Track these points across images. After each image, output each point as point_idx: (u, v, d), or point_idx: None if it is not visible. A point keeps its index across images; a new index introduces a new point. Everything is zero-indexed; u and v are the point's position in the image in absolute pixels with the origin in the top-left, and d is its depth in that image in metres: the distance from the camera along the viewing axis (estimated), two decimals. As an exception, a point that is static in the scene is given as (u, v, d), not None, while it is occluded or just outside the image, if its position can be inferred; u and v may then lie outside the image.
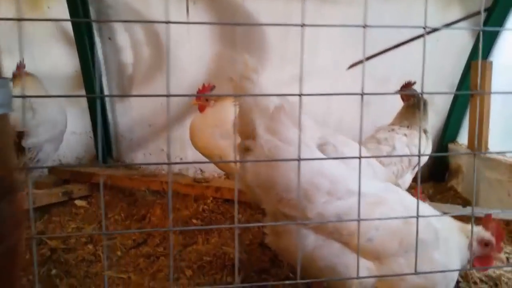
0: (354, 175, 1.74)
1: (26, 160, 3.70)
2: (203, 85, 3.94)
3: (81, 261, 3.10)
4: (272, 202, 1.78)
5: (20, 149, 3.60)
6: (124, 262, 3.09)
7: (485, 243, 1.96)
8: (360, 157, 1.40)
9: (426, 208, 1.93)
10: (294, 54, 4.54)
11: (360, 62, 4.43)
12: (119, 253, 3.26)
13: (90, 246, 3.33)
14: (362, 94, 1.40)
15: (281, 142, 1.80)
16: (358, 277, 1.53)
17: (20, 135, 3.56)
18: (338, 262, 1.65)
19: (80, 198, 4.15)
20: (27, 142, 3.63)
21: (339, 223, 1.60)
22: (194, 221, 3.57)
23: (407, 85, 3.96)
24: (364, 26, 1.32)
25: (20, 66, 3.70)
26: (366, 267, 1.59)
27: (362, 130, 3.91)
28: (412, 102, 3.89)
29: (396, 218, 1.64)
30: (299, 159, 1.36)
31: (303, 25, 1.27)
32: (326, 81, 4.52)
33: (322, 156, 1.97)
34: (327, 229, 1.65)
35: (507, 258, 2.96)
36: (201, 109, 3.77)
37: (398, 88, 4.00)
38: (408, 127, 3.86)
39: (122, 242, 3.40)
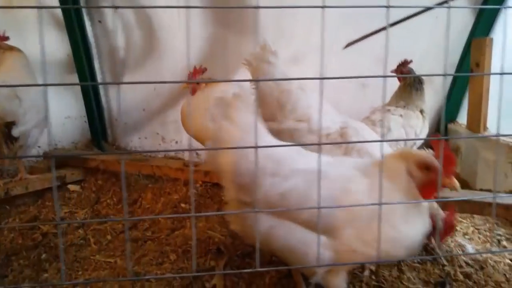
0: (302, 155, 1.71)
1: (17, 148, 3.71)
2: (195, 68, 3.89)
3: (70, 245, 3.11)
4: (229, 188, 1.77)
5: (11, 139, 3.61)
6: (113, 246, 3.10)
7: (425, 167, 1.71)
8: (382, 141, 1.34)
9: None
10: (289, 35, 4.44)
11: (356, 41, 4.30)
12: (109, 237, 3.27)
13: (81, 231, 3.34)
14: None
15: (232, 126, 1.75)
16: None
17: (9, 124, 3.55)
18: (293, 239, 1.64)
19: (74, 182, 4.15)
20: (17, 131, 3.62)
21: (286, 202, 1.59)
22: (183, 205, 3.55)
23: (404, 64, 3.88)
24: (388, 7, 1.25)
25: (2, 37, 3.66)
26: (321, 242, 1.54)
27: (360, 112, 3.83)
28: (409, 81, 3.79)
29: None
30: (256, 147, 1.30)
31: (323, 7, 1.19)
32: (318, 62, 4.40)
33: (274, 141, 1.91)
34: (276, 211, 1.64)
35: (498, 241, 2.89)
36: (193, 92, 3.72)
37: (395, 67, 3.91)
38: (404, 107, 3.76)
39: (113, 226, 3.42)
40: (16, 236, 3.30)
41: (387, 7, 1.27)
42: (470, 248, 2.76)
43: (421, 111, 3.81)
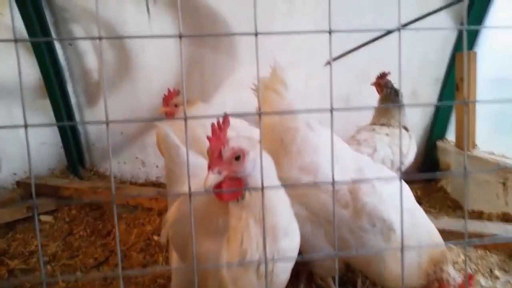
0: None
1: None
2: (169, 90, 3.74)
3: (38, 284, 2.92)
4: None
5: None
6: (81, 284, 2.90)
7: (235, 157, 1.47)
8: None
9: None
10: (264, 51, 4.28)
11: (338, 57, 4.14)
12: (79, 273, 3.08)
13: (49, 266, 3.16)
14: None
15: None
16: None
17: None
18: None
19: (46, 213, 3.95)
20: None
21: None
22: (156, 237, 3.36)
23: (382, 76, 3.76)
24: (330, 32, 1.08)
25: None
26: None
27: (344, 129, 3.61)
28: (385, 93, 3.68)
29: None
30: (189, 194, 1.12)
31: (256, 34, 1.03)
32: (301, 75, 4.27)
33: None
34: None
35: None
36: (169, 115, 3.56)
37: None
38: (386, 124, 3.61)
39: (84, 261, 3.23)
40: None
41: (329, 32, 1.10)
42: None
43: (405, 128, 3.65)
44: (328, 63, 4.01)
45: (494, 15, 3.84)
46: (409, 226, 1.89)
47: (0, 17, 3.91)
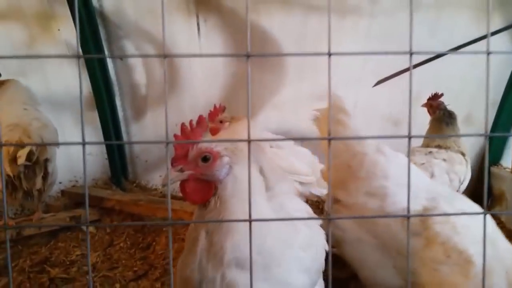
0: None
1: (48, 185, 3.65)
2: (215, 106, 3.75)
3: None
4: None
5: (45, 175, 3.54)
6: (119, 297, 2.89)
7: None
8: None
9: None
10: (311, 70, 4.25)
11: (387, 78, 4.03)
12: (118, 285, 3.08)
13: (88, 277, 3.16)
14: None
15: None
16: None
17: (45, 161, 3.51)
18: None
19: (89, 222, 4.00)
20: (51, 167, 3.59)
21: None
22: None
23: (434, 98, 3.64)
24: (411, 53, 1.02)
25: None
26: None
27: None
28: (438, 115, 3.55)
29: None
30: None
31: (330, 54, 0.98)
32: (350, 96, 4.17)
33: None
34: None
35: None
36: (213, 132, 3.56)
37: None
38: (443, 147, 3.45)
39: (123, 273, 3.23)
40: (24, 279, 3.17)
41: (411, 53, 1.02)
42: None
43: (462, 154, 3.47)
44: (379, 83, 3.91)
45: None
46: (491, 259, 1.70)
47: (58, 33, 4.08)
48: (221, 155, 1.41)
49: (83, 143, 0.98)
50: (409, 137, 1.03)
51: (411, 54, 1.05)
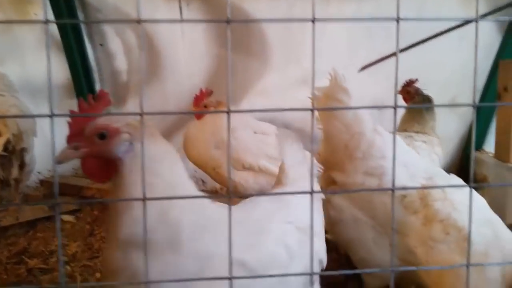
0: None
1: (26, 175, 3.53)
2: (201, 90, 3.67)
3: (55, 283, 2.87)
4: None
5: (22, 165, 3.42)
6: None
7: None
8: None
9: None
10: (296, 55, 4.20)
11: (372, 64, 3.99)
12: (98, 275, 3.02)
13: (69, 267, 3.09)
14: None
15: None
16: None
17: (22, 150, 3.38)
18: None
19: (69, 212, 3.91)
20: (28, 157, 3.46)
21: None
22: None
23: (409, 84, 3.64)
24: (398, 20, 0.98)
25: None
26: None
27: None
28: (417, 100, 3.56)
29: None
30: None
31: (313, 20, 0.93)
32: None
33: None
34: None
35: None
36: (199, 116, 3.48)
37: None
38: (421, 132, 3.47)
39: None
40: (0, 271, 3.08)
41: (397, 20, 0.98)
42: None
43: (437, 138, 3.52)
44: (365, 68, 3.87)
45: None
46: (492, 238, 1.72)
47: (34, 17, 3.95)
48: (120, 131, 1.33)
49: (51, 115, 0.91)
50: (395, 107, 0.99)
51: (397, 20, 1.02)
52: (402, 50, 3.70)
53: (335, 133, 2.10)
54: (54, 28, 4.01)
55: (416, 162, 2.13)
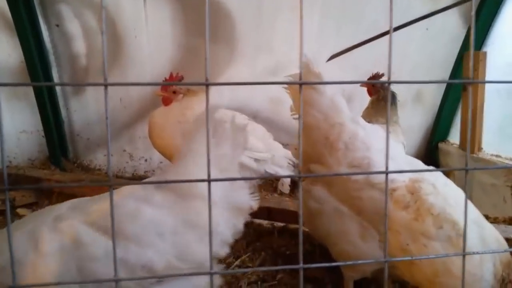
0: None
1: None
2: (171, 74, 3.48)
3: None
4: None
5: None
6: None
7: None
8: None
9: None
10: (266, 44, 4.11)
11: (340, 53, 3.96)
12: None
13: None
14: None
15: None
16: None
17: None
18: None
19: (24, 206, 3.65)
20: None
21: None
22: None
23: (375, 77, 3.56)
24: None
25: None
26: None
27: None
28: (382, 94, 3.50)
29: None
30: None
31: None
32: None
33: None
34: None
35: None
36: (166, 102, 3.30)
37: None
38: (383, 123, 3.48)
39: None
40: None
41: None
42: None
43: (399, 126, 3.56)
44: (332, 57, 3.83)
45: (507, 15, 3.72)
46: (478, 237, 1.68)
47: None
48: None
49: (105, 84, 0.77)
50: (389, 82, 0.93)
51: None
52: (367, 41, 3.70)
53: (313, 123, 2.01)
54: (3, 4, 3.69)
55: (401, 154, 2.10)
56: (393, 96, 3.56)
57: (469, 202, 1.83)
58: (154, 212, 1.44)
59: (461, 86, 3.86)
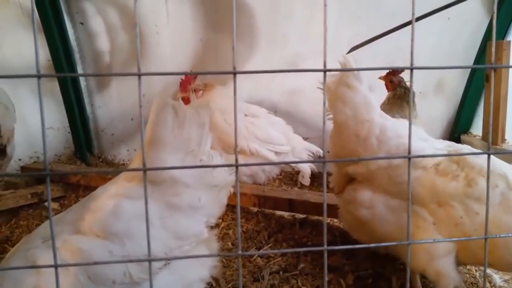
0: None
1: (6, 162, 3.40)
2: (186, 76, 3.59)
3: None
4: None
5: (2, 155, 3.29)
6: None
7: None
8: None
9: None
10: (283, 38, 4.13)
11: (361, 45, 3.95)
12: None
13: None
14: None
15: None
16: None
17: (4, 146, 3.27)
18: None
19: (52, 199, 3.78)
20: (10, 147, 3.33)
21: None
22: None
23: (394, 73, 3.50)
24: None
25: None
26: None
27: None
28: (399, 92, 3.44)
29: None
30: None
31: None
32: (320, 66, 4.09)
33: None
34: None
35: None
36: (186, 102, 3.39)
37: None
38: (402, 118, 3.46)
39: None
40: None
41: None
42: (497, 279, 2.40)
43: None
44: (352, 50, 3.82)
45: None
46: None
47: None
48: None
49: (38, 76, 0.83)
50: (411, 68, 0.95)
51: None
52: (392, 31, 3.67)
53: (344, 120, 2.05)
54: (29, 3, 3.81)
55: (431, 139, 2.15)
56: (413, 95, 3.50)
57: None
58: (136, 203, 1.54)
59: (484, 76, 3.80)
